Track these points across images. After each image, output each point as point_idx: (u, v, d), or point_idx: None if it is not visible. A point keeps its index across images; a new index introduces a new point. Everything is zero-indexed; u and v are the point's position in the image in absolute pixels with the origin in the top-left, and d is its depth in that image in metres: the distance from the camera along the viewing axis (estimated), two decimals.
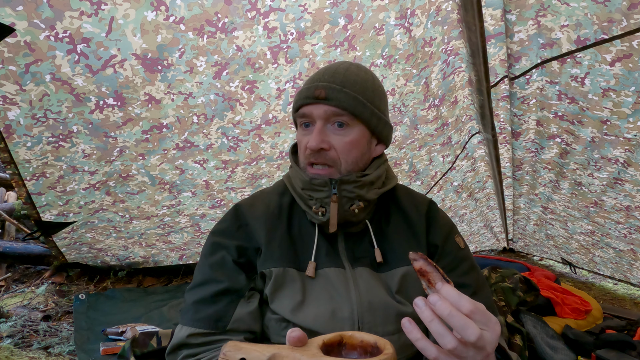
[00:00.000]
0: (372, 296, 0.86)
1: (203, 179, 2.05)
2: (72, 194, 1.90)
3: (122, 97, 1.54)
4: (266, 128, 1.87)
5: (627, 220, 2.31)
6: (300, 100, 0.89)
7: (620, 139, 1.78)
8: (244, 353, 0.60)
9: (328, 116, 0.87)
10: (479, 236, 3.77)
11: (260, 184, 2.20)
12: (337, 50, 1.59)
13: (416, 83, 1.88)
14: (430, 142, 2.32)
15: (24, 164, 1.66)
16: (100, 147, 1.74)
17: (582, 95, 1.68)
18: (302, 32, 1.50)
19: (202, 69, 1.53)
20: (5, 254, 2.60)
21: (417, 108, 2.03)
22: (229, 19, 1.40)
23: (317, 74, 0.91)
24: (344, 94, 0.86)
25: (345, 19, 1.49)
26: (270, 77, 1.63)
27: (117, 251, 2.45)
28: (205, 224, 2.40)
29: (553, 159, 2.23)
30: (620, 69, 1.48)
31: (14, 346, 1.85)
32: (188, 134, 1.79)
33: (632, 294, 3.19)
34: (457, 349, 0.58)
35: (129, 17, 1.32)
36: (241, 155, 1.97)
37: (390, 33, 1.60)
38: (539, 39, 1.56)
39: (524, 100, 1.89)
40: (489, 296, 0.92)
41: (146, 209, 2.13)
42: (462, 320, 0.57)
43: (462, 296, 0.59)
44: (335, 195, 0.87)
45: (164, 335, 1.56)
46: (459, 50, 1.78)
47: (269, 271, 0.87)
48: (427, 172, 2.60)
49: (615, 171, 1.99)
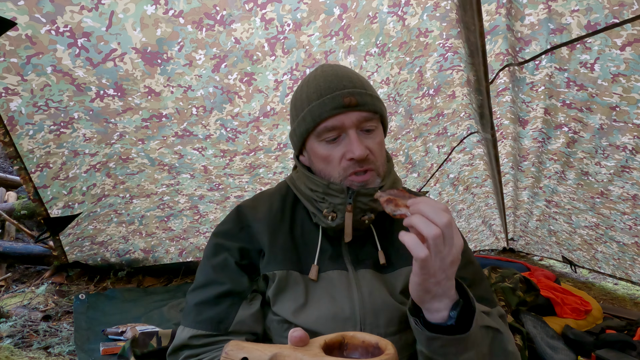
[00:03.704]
0: (374, 297, 0.88)
1: (202, 164, 2.13)
2: (74, 180, 1.98)
3: (122, 89, 1.61)
4: (264, 120, 1.92)
5: (633, 210, 2.32)
6: (325, 112, 0.85)
7: (629, 125, 1.79)
8: (246, 352, 0.61)
9: (360, 122, 0.87)
10: (478, 234, 3.85)
11: (258, 172, 2.27)
12: (333, 39, 1.64)
13: (410, 71, 1.92)
14: (425, 131, 2.37)
15: (28, 155, 1.73)
16: (100, 131, 1.81)
17: (591, 82, 1.67)
18: (298, 22, 1.54)
19: (201, 62, 1.57)
20: (5, 254, 2.62)
21: (411, 97, 2.08)
22: (227, 12, 1.45)
23: (327, 82, 0.88)
24: (370, 97, 0.88)
25: (340, 8, 1.53)
26: (268, 69, 1.68)
27: (117, 245, 2.53)
28: (203, 207, 2.48)
29: (560, 149, 2.24)
30: (631, 53, 1.47)
31: (14, 346, 1.84)
32: (187, 124, 1.85)
33: (632, 293, 3.27)
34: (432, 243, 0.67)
35: (128, 11, 1.36)
36: (239, 146, 2.04)
37: (384, 21, 1.64)
38: (549, 24, 1.56)
39: (532, 86, 1.89)
40: (487, 289, 0.93)
41: (146, 187, 2.21)
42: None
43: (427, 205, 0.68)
44: (351, 205, 0.87)
45: (164, 335, 1.53)
46: (458, 49, 1.82)
47: (272, 274, 0.89)
48: (423, 164, 2.66)
49: (623, 159, 2.01)
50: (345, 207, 0.87)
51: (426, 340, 0.73)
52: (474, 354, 0.73)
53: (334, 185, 0.87)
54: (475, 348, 0.73)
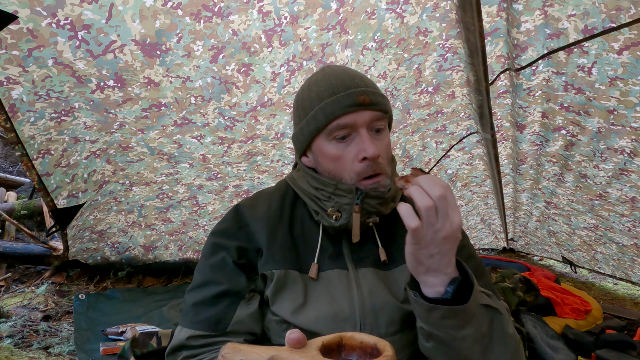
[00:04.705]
0: (374, 297, 0.87)
1: (200, 152, 2.16)
2: (75, 167, 2.02)
3: (122, 79, 1.64)
4: (262, 110, 1.95)
5: (632, 212, 2.33)
6: (339, 110, 0.85)
7: (627, 129, 1.80)
8: (243, 355, 0.61)
9: (372, 121, 0.87)
10: (477, 231, 3.87)
11: (256, 160, 2.30)
12: (330, 33, 1.66)
13: (408, 67, 1.94)
14: (423, 127, 2.39)
15: (29, 142, 1.76)
16: (100, 120, 1.85)
17: (588, 85, 1.68)
18: (295, 15, 1.56)
19: (199, 53, 1.60)
20: (5, 254, 2.64)
21: (409, 92, 2.10)
22: (225, 3, 1.47)
23: (340, 80, 0.88)
24: (381, 97, 0.89)
25: (337, 3, 1.55)
26: (266, 60, 1.71)
27: (117, 238, 2.57)
28: (202, 197, 2.52)
29: (558, 151, 2.24)
30: (628, 57, 1.49)
31: (14, 346, 1.85)
32: (186, 112, 1.89)
33: (632, 294, 3.28)
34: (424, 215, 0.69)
35: (128, 3, 1.38)
36: (237, 134, 2.07)
37: (382, 17, 1.66)
38: (545, 29, 1.58)
39: (529, 91, 1.91)
40: (488, 283, 0.92)
41: (145, 175, 2.25)
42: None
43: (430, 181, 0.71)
44: (358, 206, 0.87)
45: (163, 335, 1.54)
46: (458, 49, 1.83)
47: (271, 273, 0.88)
48: (421, 158, 2.68)
49: (621, 162, 2.02)
50: (351, 208, 0.87)
51: (425, 312, 0.74)
52: (473, 331, 0.74)
53: (342, 185, 0.86)
54: (474, 325, 0.74)
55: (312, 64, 1.76)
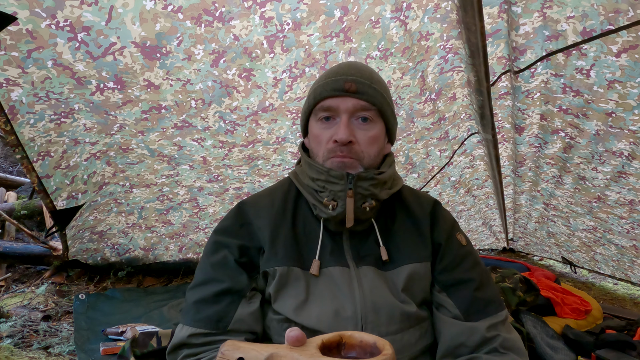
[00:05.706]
0: (376, 296, 0.88)
1: (201, 155, 2.16)
2: (75, 169, 2.02)
3: (122, 81, 1.64)
4: (263, 114, 1.95)
5: (630, 214, 2.33)
6: (325, 92, 0.91)
7: (625, 132, 1.81)
8: (242, 352, 0.61)
9: (355, 110, 0.90)
10: (478, 234, 3.88)
11: (256, 164, 2.30)
12: (333, 40, 1.66)
13: (412, 76, 1.94)
14: (427, 135, 2.39)
15: (29, 144, 1.76)
16: (100, 122, 1.85)
17: (587, 88, 1.69)
18: (298, 22, 1.56)
19: (200, 56, 1.60)
20: (5, 254, 2.64)
21: (413, 102, 2.10)
22: (226, 9, 1.47)
23: (339, 68, 0.94)
24: (373, 89, 0.91)
25: (341, 11, 1.55)
26: (267, 66, 1.70)
27: (117, 239, 2.57)
28: (203, 199, 2.52)
29: (557, 153, 2.25)
30: (627, 60, 1.50)
31: (14, 346, 1.86)
32: (186, 116, 1.89)
33: (632, 294, 3.29)
34: None
35: (128, 5, 1.38)
36: (238, 138, 2.07)
37: (387, 27, 1.66)
38: (544, 31, 1.59)
39: (528, 94, 1.92)
40: (494, 291, 0.94)
41: (146, 177, 2.25)
42: None
43: None
44: (351, 190, 0.88)
45: (164, 335, 1.54)
46: (458, 50, 1.83)
47: (273, 270, 0.89)
48: (424, 166, 2.68)
49: (620, 164, 2.03)
50: (345, 194, 0.88)
51: None
52: None
53: (333, 172, 0.88)
54: None
55: (314, 71, 1.75)
